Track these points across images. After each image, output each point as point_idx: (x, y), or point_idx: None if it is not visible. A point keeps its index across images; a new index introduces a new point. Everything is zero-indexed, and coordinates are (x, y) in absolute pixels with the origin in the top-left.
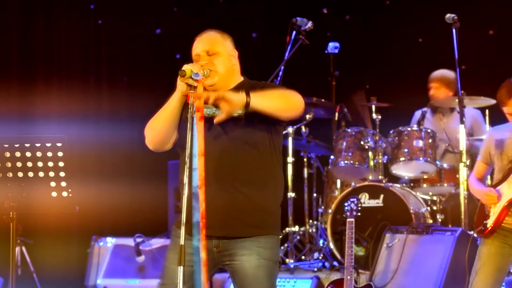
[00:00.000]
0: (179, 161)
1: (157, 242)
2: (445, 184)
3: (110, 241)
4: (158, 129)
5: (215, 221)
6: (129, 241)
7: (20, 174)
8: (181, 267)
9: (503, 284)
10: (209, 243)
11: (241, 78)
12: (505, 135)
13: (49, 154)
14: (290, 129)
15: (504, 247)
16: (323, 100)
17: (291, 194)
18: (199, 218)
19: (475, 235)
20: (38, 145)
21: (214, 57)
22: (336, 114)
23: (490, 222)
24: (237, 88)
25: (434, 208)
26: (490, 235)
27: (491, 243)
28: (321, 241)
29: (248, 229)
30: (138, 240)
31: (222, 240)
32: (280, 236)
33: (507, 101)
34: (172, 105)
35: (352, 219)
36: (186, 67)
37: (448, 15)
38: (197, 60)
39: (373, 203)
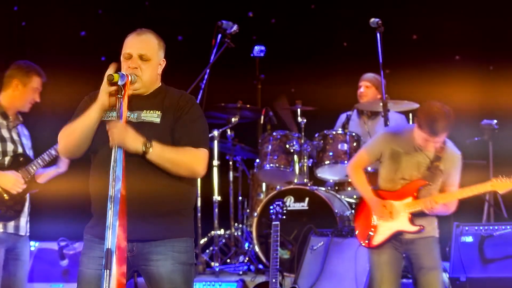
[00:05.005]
0: (91, 166)
1: (81, 246)
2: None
3: (33, 245)
4: (72, 138)
5: (128, 225)
6: (53, 245)
7: None
8: (108, 270)
9: None
10: None
11: (159, 84)
12: (405, 149)
13: None
14: (215, 132)
15: (396, 253)
16: (248, 105)
17: (216, 198)
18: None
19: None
20: None
21: (145, 64)
22: (262, 118)
23: (376, 240)
24: (155, 95)
25: None
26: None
27: (383, 252)
28: (246, 244)
29: (161, 232)
30: (62, 243)
31: (136, 244)
32: (201, 240)
33: (440, 134)
34: (91, 116)
35: (277, 222)
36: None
37: (372, 20)
38: (127, 58)
39: (298, 206)
